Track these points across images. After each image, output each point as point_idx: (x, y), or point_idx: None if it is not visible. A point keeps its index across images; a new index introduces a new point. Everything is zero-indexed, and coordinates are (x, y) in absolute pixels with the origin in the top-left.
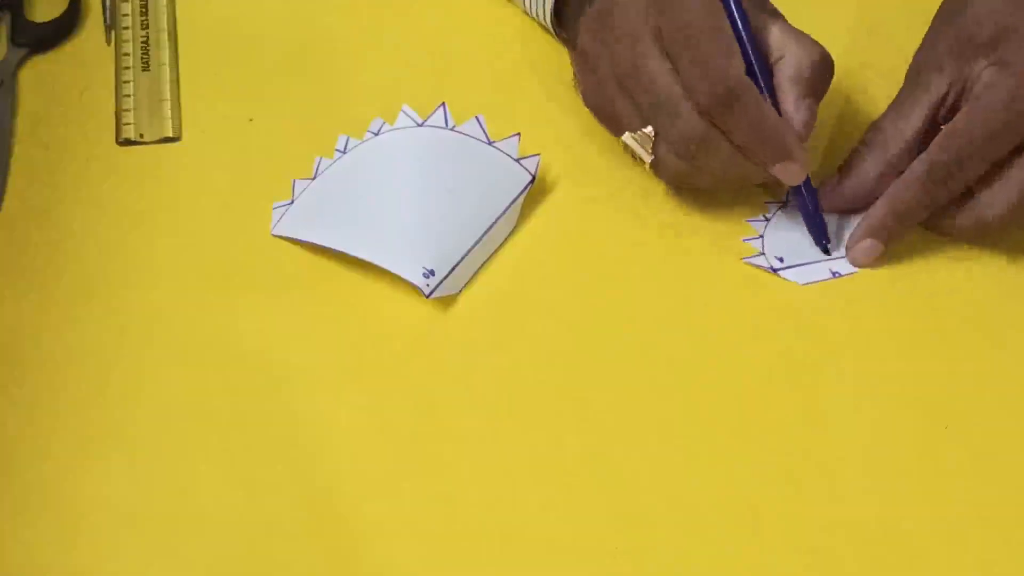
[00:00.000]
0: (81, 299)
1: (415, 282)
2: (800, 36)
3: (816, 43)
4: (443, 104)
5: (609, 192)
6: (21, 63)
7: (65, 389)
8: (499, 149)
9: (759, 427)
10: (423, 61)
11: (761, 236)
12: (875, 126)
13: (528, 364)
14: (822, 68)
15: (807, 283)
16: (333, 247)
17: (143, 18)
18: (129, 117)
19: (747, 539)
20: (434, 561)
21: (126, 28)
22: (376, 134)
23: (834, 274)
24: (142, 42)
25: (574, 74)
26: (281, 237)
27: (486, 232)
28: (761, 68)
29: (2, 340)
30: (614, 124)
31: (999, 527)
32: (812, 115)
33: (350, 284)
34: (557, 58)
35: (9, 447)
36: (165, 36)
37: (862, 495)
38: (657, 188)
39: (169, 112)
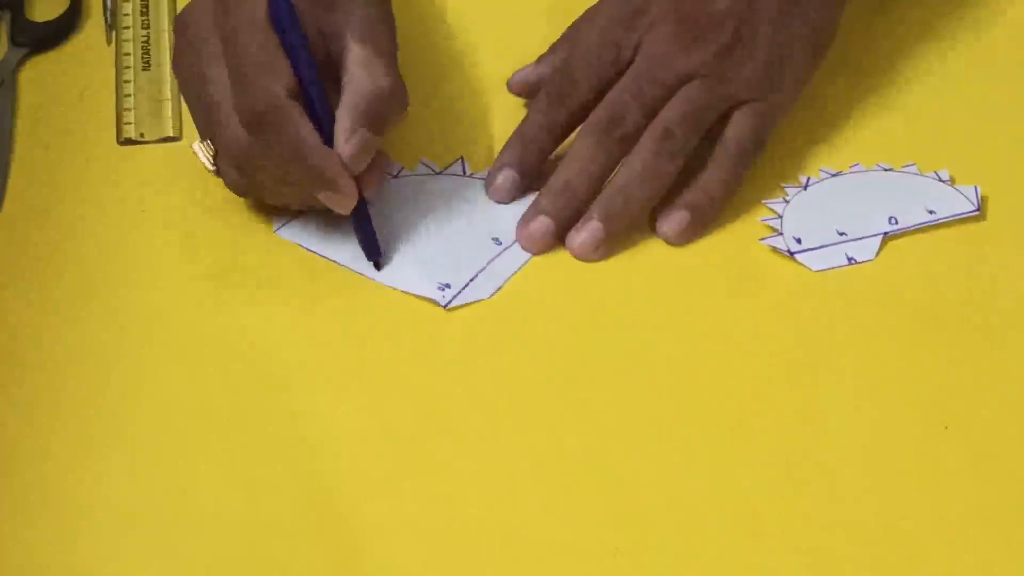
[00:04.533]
0: (81, 299)
1: (431, 296)
2: (372, 63)
3: (389, 74)
4: (461, 158)
5: None
6: (21, 63)
7: (65, 389)
8: None
9: (759, 427)
10: (422, 60)
11: (780, 216)
12: None
13: (528, 363)
14: (382, 100)
15: (821, 269)
16: (342, 264)
17: (144, 17)
18: (129, 117)
19: (747, 539)
20: (434, 561)
21: (126, 28)
22: (395, 176)
23: (850, 260)
24: (143, 41)
25: None
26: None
27: (506, 248)
28: (321, 93)
29: (2, 340)
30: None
31: (999, 527)
32: (363, 146)
33: (351, 284)
34: None
35: (9, 447)
36: (166, 36)
37: (862, 495)
38: None
39: (169, 112)
